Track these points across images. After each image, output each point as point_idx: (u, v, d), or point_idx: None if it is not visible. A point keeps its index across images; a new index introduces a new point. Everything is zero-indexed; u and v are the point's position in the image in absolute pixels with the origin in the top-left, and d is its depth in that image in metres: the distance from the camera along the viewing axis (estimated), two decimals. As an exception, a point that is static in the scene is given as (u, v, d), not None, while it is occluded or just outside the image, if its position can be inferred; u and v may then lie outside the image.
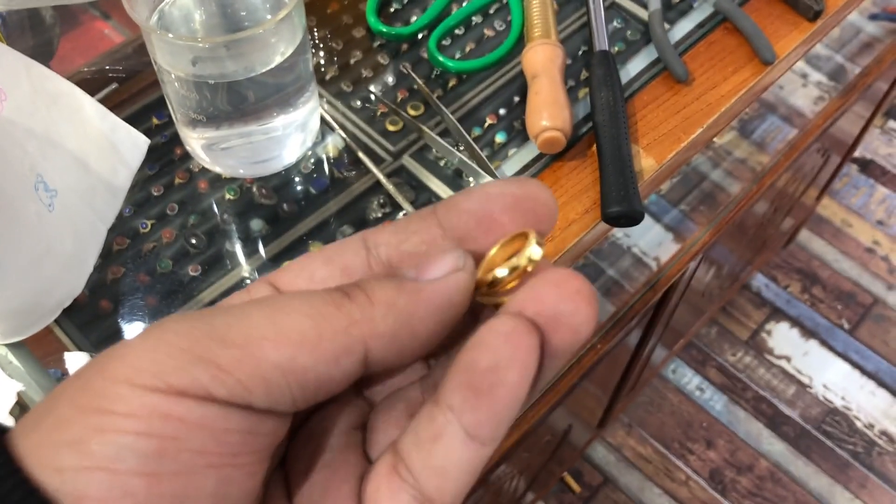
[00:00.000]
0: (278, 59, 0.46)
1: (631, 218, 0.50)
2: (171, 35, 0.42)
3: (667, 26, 0.61)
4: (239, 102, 0.47)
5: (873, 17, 1.03)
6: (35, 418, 0.18)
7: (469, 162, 0.52)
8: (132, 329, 0.47)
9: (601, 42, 0.58)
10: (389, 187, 0.52)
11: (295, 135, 0.51)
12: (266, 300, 0.19)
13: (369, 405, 0.23)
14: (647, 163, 0.54)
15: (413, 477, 0.19)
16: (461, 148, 0.54)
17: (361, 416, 0.23)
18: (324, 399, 0.20)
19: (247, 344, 0.18)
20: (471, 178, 0.53)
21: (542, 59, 0.54)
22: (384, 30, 0.59)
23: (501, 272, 0.20)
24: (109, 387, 0.17)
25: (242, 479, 0.18)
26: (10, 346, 0.45)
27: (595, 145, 0.53)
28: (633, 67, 0.59)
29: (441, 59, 0.57)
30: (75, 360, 0.42)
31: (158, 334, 0.18)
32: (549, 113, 0.51)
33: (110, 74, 0.58)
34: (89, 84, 0.56)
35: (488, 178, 0.52)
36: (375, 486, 0.20)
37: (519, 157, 0.54)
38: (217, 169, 0.52)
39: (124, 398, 0.17)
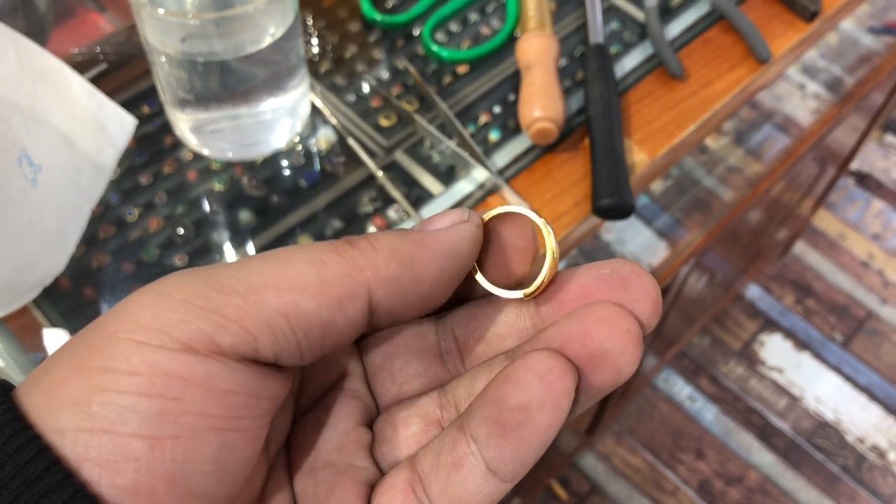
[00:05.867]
0: (268, 40, 0.45)
1: (622, 211, 0.49)
2: (161, 11, 0.42)
3: (663, 23, 0.60)
4: (228, 83, 0.46)
5: (873, 31, 1.03)
6: (35, 378, 0.18)
7: (462, 154, 0.52)
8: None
9: (596, 35, 0.58)
10: (379, 174, 0.51)
11: (284, 119, 0.51)
12: (266, 252, 0.19)
13: (375, 404, 0.23)
14: (639, 157, 0.53)
15: (429, 500, 0.19)
16: (457, 143, 0.53)
17: (368, 414, 0.22)
18: (331, 350, 0.19)
19: (249, 292, 0.18)
20: (464, 173, 0.52)
21: (537, 50, 0.54)
22: (378, 18, 0.59)
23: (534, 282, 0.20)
24: (110, 344, 0.17)
25: (242, 446, 0.18)
26: (-11, 324, 0.44)
27: (588, 138, 0.53)
28: (629, 62, 0.58)
29: (435, 48, 0.57)
30: (52, 336, 0.41)
31: (158, 289, 0.18)
32: (541, 104, 0.51)
33: (101, 57, 0.57)
34: (79, 66, 0.55)
35: (482, 171, 0.51)
36: (389, 499, 0.20)
37: (510, 149, 0.53)
38: (205, 152, 0.51)
39: (125, 355, 0.17)
